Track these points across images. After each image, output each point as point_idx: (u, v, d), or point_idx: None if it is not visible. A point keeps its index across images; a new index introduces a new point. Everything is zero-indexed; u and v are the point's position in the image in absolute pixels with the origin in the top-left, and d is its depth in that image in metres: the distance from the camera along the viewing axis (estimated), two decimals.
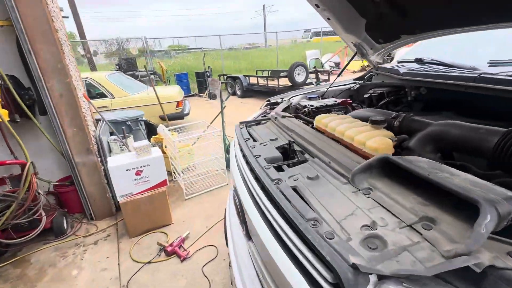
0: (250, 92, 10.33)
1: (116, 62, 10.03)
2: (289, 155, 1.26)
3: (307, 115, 1.87)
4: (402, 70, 1.87)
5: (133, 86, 6.07)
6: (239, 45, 22.09)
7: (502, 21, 1.20)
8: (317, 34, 21.12)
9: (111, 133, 3.60)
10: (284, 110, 1.92)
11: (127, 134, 3.54)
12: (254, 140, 1.42)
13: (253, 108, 8.43)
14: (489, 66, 1.50)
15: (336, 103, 1.95)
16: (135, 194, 2.79)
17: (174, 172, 4.03)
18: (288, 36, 25.42)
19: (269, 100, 2.28)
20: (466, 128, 0.99)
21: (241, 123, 1.70)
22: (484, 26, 1.25)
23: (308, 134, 1.33)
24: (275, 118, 1.70)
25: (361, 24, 1.94)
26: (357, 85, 2.31)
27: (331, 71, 9.89)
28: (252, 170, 1.11)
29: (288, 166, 1.11)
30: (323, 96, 2.29)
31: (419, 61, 2.01)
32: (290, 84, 8.45)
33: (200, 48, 17.31)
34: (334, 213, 0.75)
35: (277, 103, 2.19)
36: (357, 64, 14.10)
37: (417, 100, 1.78)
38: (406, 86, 1.83)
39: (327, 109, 1.90)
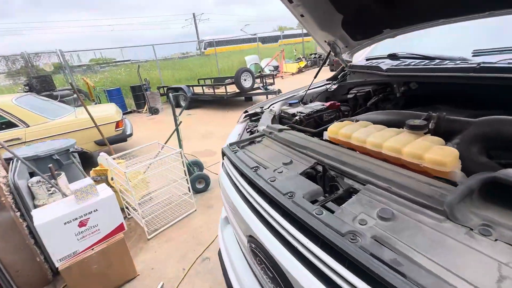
0: (196, 102, 9.75)
1: (24, 81, 8.20)
2: (323, 184, 0.96)
3: (299, 124, 1.62)
4: (384, 67, 1.79)
5: (54, 109, 4.95)
6: (172, 54, 21.04)
7: (500, 8, 1.15)
8: (210, 44, 21.36)
9: (32, 174, 2.73)
10: (272, 121, 1.63)
11: (56, 172, 2.72)
12: (263, 168, 1.08)
13: (203, 119, 7.93)
14: (473, 56, 1.50)
15: (324, 107, 1.75)
16: (81, 252, 2.10)
17: (127, 208, 3.33)
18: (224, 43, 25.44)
19: (246, 111, 1.96)
20: None
21: (231, 144, 1.33)
22: (479, 15, 1.20)
23: (329, 149, 1.06)
24: (270, 133, 1.40)
25: (337, 20, 1.80)
26: (334, 86, 2.18)
27: (275, 74, 10.05)
28: (291, 218, 0.77)
29: (336, 202, 0.81)
30: (302, 100, 2.09)
31: (393, 56, 1.98)
32: (237, 90, 8.23)
33: (129, 60, 15.78)
34: (474, 280, 0.49)
35: (257, 114, 1.89)
36: (294, 66, 14.85)
37: (405, 96, 1.72)
38: (393, 82, 1.75)
39: (317, 115, 1.69)
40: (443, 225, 0.63)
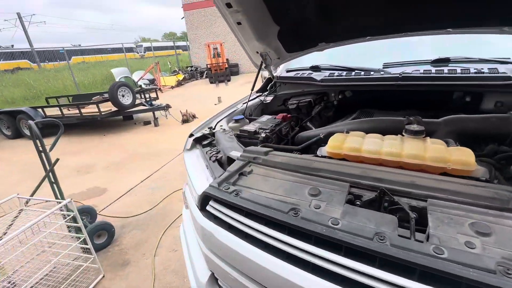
0: (50, 128, 7.33)
1: None
2: (378, 209, 0.83)
3: (266, 141, 1.44)
4: (317, 77, 1.91)
5: None
6: None
7: (426, 29, 1.44)
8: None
9: None
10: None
11: None
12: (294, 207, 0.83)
13: (70, 148, 6.08)
14: (384, 67, 1.85)
15: (278, 120, 1.67)
16: None
17: None
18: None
19: (192, 135, 1.56)
20: (478, 119, 1.09)
21: (219, 184, 0.97)
22: (408, 34, 1.47)
23: (349, 168, 0.96)
24: (255, 158, 1.14)
25: (273, 31, 1.75)
26: (269, 98, 2.14)
27: (159, 88, 9.14)
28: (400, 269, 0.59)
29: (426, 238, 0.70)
30: (244, 113, 1.91)
31: (315, 68, 2.16)
32: (115, 108, 6.86)
33: None
34: None
35: (206, 137, 1.55)
36: (173, 79, 14.19)
37: (341, 103, 1.90)
38: (329, 91, 1.89)
39: (279, 129, 1.58)
40: None
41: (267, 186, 0.96)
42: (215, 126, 1.64)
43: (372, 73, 1.74)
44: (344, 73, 1.87)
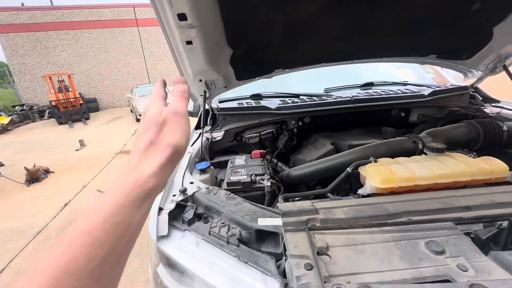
0: None
1: None
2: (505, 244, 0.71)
3: (274, 192, 1.11)
4: (271, 106, 1.75)
5: None
6: None
7: (370, 57, 1.61)
8: None
9: None
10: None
11: None
12: None
13: None
14: (325, 92, 1.95)
15: (259, 159, 1.37)
16: None
17: None
18: None
19: (161, 209, 0.95)
20: (450, 129, 1.28)
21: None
22: (354, 61, 1.59)
23: (426, 202, 0.83)
24: (308, 221, 0.80)
25: (226, 55, 1.45)
26: (219, 133, 1.75)
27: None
28: None
29: None
30: (203, 159, 1.44)
31: (257, 96, 2.00)
32: None
33: None
34: None
35: (181, 205, 1.00)
36: None
37: (299, 130, 1.81)
38: (288, 119, 1.77)
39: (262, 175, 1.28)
40: None
41: (375, 261, 0.66)
42: (182, 185, 1.10)
43: (324, 97, 1.78)
44: (296, 99, 1.81)
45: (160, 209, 0.94)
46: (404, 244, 0.70)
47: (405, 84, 1.96)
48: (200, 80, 1.55)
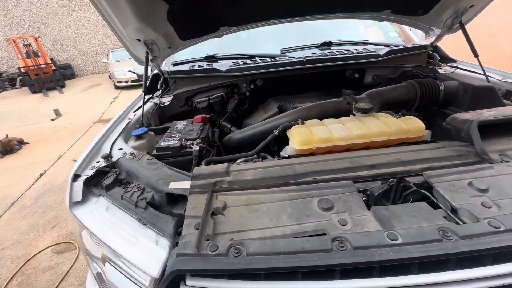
0: None
1: None
2: (394, 198, 0.74)
3: (202, 154, 1.11)
4: (222, 68, 1.67)
5: None
6: None
7: (321, 13, 1.50)
8: None
9: None
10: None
11: None
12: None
13: None
14: (282, 53, 1.85)
15: (199, 124, 1.34)
16: None
17: None
18: None
19: (78, 176, 0.94)
20: (389, 90, 1.26)
21: (198, 245, 0.58)
22: (306, 17, 1.49)
23: (335, 162, 0.85)
24: (215, 183, 0.81)
25: (161, 11, 1.33)
26: (167, 99, 1.68)
27: None
28: None
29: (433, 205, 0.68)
30: (143, 125, 1.41)
31: (211, 58, 1.89)
32: None
33: None
34: None
35: (104, 172, 0.99)
36: None
37: (252, 93, 1.76)
38: (239, 82, 1.70)
39: (206, 136, 1.26)
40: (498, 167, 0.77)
41: (264, 219, 0.68)
42: (110, 152, 1.08)
43: (277, 58, 1.70)
44: (249, 61, 1.73)
45: (77, 175, 0.93)
46: (298, 202, 0.72)
47: (365, 44, 1.88)
48: (139, 40, 1.44)
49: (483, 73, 1.46)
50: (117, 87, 9.42)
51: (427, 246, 0.54)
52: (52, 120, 6.84)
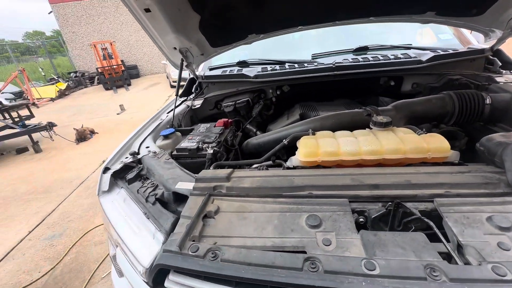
0: None
1: None
2: (390, 224, 0.69)
3: (215, 158, 1.16)
4: (250, 74, 1.72)
5: None
6: None
7: (353, 18, 1.43)
8: None
9: None
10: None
11: None
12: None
13: None
14: (312, 59, 1.82)
15: (220, 128, 1.40)
16: None
17: None
18: None
19: (108, 168, 1.10)
20: (422, 102, 1.14)
21: (181, 245, 0.64)
22: (336, 23, 1.43)
23: (337, 178, 0.81)
24: (215, 188, 0.85)
25: (193, 21, 1.43)
26: (198, 102, 1.81)
27: (32, 103, 7.00)
28: None
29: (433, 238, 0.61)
30: (173, 125, 1.54)
31: (243, 63, 1.96)
32: None
33: None
34: None
35: (130, 167, 1.12)
36: (52, 89, 11.37)
37: (278, 99, 1.77)
38: (266, 88, 1.73)
39: (224, 139, 1.32)
40: None
41: (249, 228, 0.70)
42: (139, 149, 1.22)
43: (305, 64, 1.68)
44: (277, 67, 1.74)
45: (107, 168, 1.08)
46: (287, 215, 0.72)
47: (408, 48, 1.71)
48: (175, 48, 1.58)
49: None
50: (172, 86, 10.30)
51: (407, 283, 0.49)
52: (117, 114, 7.85)
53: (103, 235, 2.86)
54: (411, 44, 1.75)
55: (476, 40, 1.82)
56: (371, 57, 1.62)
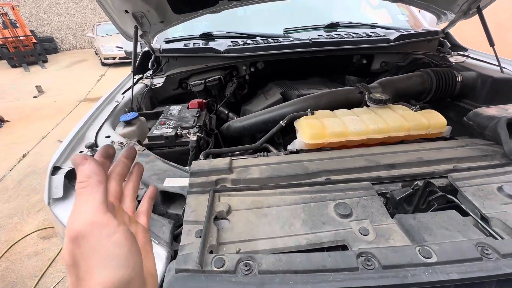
0: None
1: None
2: (416, 204, 0.67)
3: (199, 145, 1.00)
4: (220, 48, 1.52)
5: None
6: None
7: None
8: None
9: None
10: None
11: None
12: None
13: None
14: (285, 33, 1.71)
15: (196, 110, 1.22)
16: None
17: None
18: None
19: (58, 168, 0.82)
20: (404, 79, 1.17)
21: (201, 261, 0.50)
22: None
23: (350, 160, 0.76)
24: (217, 182, 0.71)
25: None
26: (160, 80, 1.53)
27: None
28: None
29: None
30: (133, 109, 1.27)
31: (207, 36, 1.73)
32: None
33: None
34: None
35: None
36: None
37: (252, 77, 1.63)
38: (238, 64, 1.57)
39: (204, 123, 1.15)
40: None
41: (275, 226, 0.60)
42: (96, 140, 0.95)
43: (281, 39, 1.56)
44: (250, 41, 1.58)
45: (57, 168, 0.81)
46: (313, 206, 0.64)
47: (374, 27, 1.75)
48: (127, 12, 1.26)
49: (497, 63, 1.37)
50: (104, 64, 8.93)
51: (466, 266, 0.47)
52: (34, 97, 6.46)
53: (38, 244, 2.37)
54: (376, 23, 1.79)
55: (425, 23, 1.98)
56: (344, 34, 1.60)
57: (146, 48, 1.62)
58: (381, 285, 0.45)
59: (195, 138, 0.96)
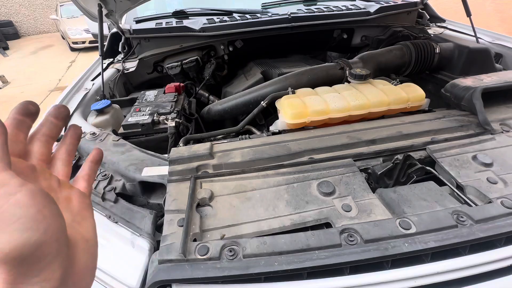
0: None
1: None
2: (396, 177, 0.68)
3: (178, 131, 0.97)
4: (195, 26, 1.43)
5: None
6: None
7: None
8: None
9: None
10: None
11: None
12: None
13: None
14: (263, 8, 1.63)
15: (173, 94, 1.16)
16: None
17: None
18: None
19: None
20: (384, 53, 1.15)
21: (184, 249, 0.49)
22: None
23: (331, 138, 0.76)
24: (198, 168, 0.69)
25: None
26: (132, 64, 1.43)
27: None
28: None
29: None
30: (105, 96, 1.19)
31: (180, 13, 1.61)
32: None
33: None
34: None
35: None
36: None
37: (230, 56, 1.56)
38: (216, 44, 1.49)
39: (182, 108, 1.11)
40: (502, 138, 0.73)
41: (258, 209, 0.59)
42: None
43: (259, 15, 1.48)
44: (226, 18, 1.49)
45: None
46: (296, 186, 0.63)
47: None
48: None
49: (473, 34, 1.39)
50: (73, 49, 8.32)
51: (442, 234, 0.49)
52: None
53: None
54: None
55: None
56: (324, 7, 1.55)
57: (115, 30, 1.50)
58: (364, 259, 0.47)
59: (173, 124, 0.92)
